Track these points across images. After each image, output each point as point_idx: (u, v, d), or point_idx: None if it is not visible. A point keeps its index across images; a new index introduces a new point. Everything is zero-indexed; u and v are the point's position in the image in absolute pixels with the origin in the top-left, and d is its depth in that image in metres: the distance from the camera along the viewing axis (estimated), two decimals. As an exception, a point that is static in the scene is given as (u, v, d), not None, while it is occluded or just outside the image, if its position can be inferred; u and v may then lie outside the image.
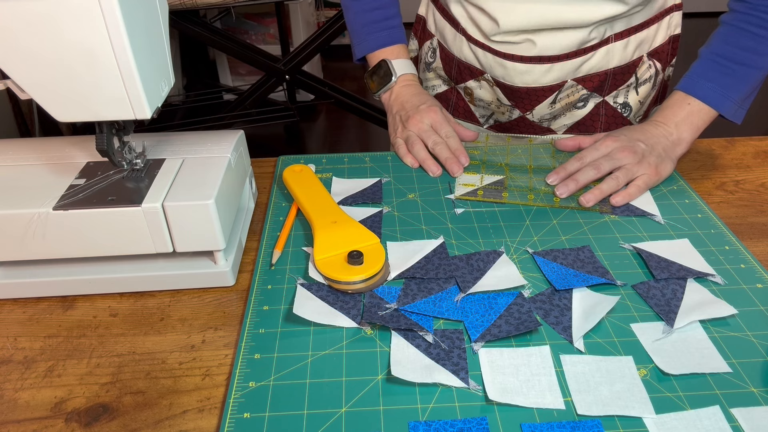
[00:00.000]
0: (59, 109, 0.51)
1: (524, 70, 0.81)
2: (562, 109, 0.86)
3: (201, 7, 1.76)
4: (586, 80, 0.82)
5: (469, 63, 0.86)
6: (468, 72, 0.87)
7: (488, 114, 0.91)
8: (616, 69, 0.82)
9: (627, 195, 0.70)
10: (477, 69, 0.86)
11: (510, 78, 0.82)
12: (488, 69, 0.84)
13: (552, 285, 0.59)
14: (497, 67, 0.82)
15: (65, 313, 0.58)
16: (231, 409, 0.47)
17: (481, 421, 0.46)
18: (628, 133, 0.74)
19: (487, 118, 0.92)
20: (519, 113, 0.87)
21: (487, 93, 0.88)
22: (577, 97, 0.84)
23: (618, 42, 0.80)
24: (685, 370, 0.50)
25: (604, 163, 0.71)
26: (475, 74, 0.87)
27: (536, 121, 0.87)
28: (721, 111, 0.74)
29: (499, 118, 0.91)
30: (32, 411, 0.48)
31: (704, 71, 0.74)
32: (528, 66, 0.80)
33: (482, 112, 0.92)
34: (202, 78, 3.03)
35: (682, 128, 0.74)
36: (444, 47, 0.90)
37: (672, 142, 0.74)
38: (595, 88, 0.83)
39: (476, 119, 0.93)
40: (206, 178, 0.58)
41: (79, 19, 0.46)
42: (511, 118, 0.88)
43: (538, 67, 0.80)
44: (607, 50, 0.80)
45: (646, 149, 0.72)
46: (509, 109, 0.88)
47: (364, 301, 0.57)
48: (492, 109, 0.90)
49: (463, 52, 0.86)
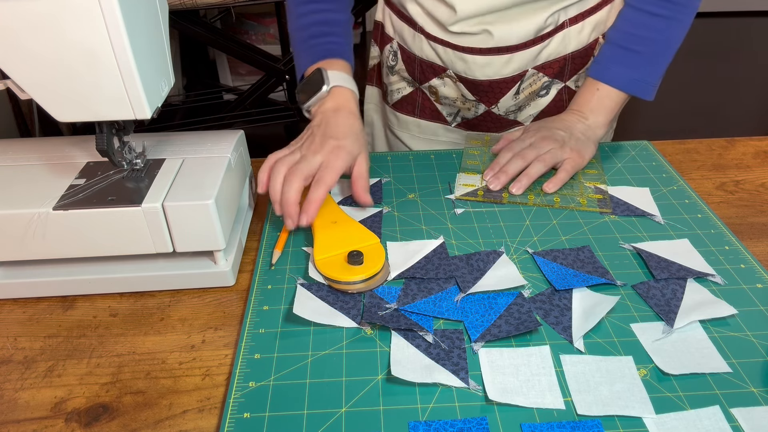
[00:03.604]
0: (59, 109, 0.51)
1: (484, 63, 0.81)
2: (526, 99, 0.86)
3: (201, 7, 1.76)
4: (546, 67, 0.83)
5: (431, 61, 0.86)
6: (431, 70, 0.87)
7: (454, 111, 0.92)
8: (575, 53, 0.83)
9: (557, 180, 0.73)
10: (439, 66, 0.86)
11: (471, 72, 0.83)
12: (449, 65, 0.84)
13: (552, 285, 0.59)
14: (458, 62, 0.83)
15: (65, 313, 0.58)
16: (231, 409, 0.47)
17: (481, 421, 0.46)
18: (546, 124, 0.78)
19: (454, 116, 0.92)
20: (485, 108, 0.88)
21: (451, 90, 0.88)
22: (539, 85, 0.85)
23: (573, 26, 0.81)
24: (685, 370, 0.50)
25: (529, 153, 0.74)
26: (437, 72, 0.87)
27: (502, 114, 0.88)
28: (629, 92, 0.78)
29: (466, 115, 0.91)
30: (32, 411, 0.48)
31: (610, 55, 0.78)
32: (487, 58, 0.81)
33: (448, 110, 0.92)
34: (202, 78, 3.03)
35: (596, 112, 0.79)
36: (404, 48, 0.90)
37: (588, 126, 0.78)
38: (555, 75, 0.85)
39: (443, 118, 0.93)
40: (206, 178, 0.58)
41: (79, 19, 0.46)
42: (478, 113, 0.89)
43: (497, 58, 0.81)
44: (563, 35, 0.81)
45: (566, 135, 0.76)
46: (474, 105, 0.88)
47: (364, 301, 0.57)
48: (458, 106, 0.90)
49: (424, 50, 0.86)
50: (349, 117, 0.71)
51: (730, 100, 2.97)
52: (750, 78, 3.20)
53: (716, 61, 3.29)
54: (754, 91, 3.08)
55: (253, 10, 2.84)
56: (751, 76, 3.23)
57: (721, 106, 2.89)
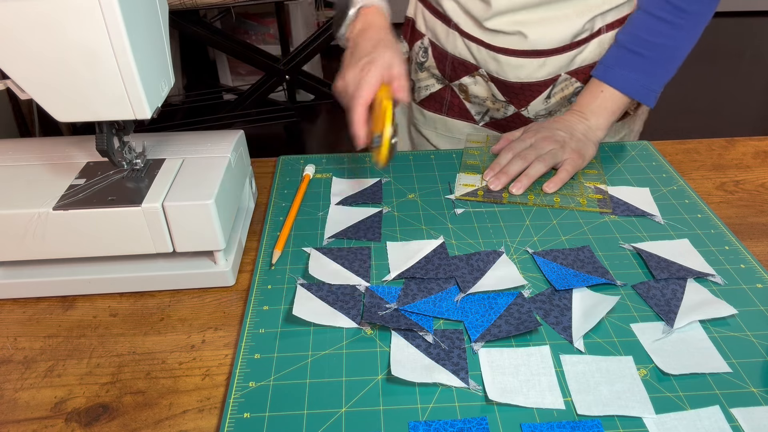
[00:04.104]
0: (59, 109, 0.51)
1: (517, 65, 0.81)
2: (557, 104, 0.86)
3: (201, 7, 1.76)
4: (579, 72, 0.83)
5: (464, 58, 0.86)
6: (462, 68, 0.87)
7: (483, 111, 0.91)
8: None
9: (557, 180, 0.73)
10: (471, 64, 0.86)
11: (504, 73, 0.83)
12: (482, 64, 0.84)
13: (552, 285, 0.59)
14: (491, 62, 0.83)
15: (65, 313, 0.58)
16: (231, 409, 0.47)
17: (481, 421, 0.46)
18: (547, 124, 0.78)
19: (483, 114, 0.92)
20: (514, 109, 0.87)
21: (482, 89, 0.88)
22: (571, 90, 0.84)
23: (609, 33, 0.80)
24: (685, 370, 0.50)
25: (529, 153, 0.74)
26: (469, 70, 0.87)
27: (531, 117, 0.87)
28: (632, 96, 0.78)
29: (494, 115, 0.91)
30: (32, 411, 0.48)
31: (617, 58, 0.78)
32: (521, 60, 0.80)
33: (477, 109, 0.92)
34: (202, 78, 3.03)
35: (597, 114, 0.78)
36: (436, 45, 0.89)
37: (589, 127, 0.78)
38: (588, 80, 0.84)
39: (471, 117, 0.93)
40: (206, 178, 0.58)
41: (79, 19, 0.46)
42: (507, 114, 0.89)
43: (531, 61, 0.80)
44: (599, 41, 0.81)
45: (566, 136, 0.76)
46: (504, 105, 0.88)
47: (364, 301, 0.57)
48: (487, 106, 0.90)
49: (457, 47, 0.86)
50: (378, 32, 0.70)
51: (730, 100, 2.97)
52: (750, 78, 3.20)
53: (716, 61, 3.29)
54: (754, 91, 3.08)
55: (253, 10, 2.84)
56: (751, 76, 3.23)
57: (721, 106, 2.89)
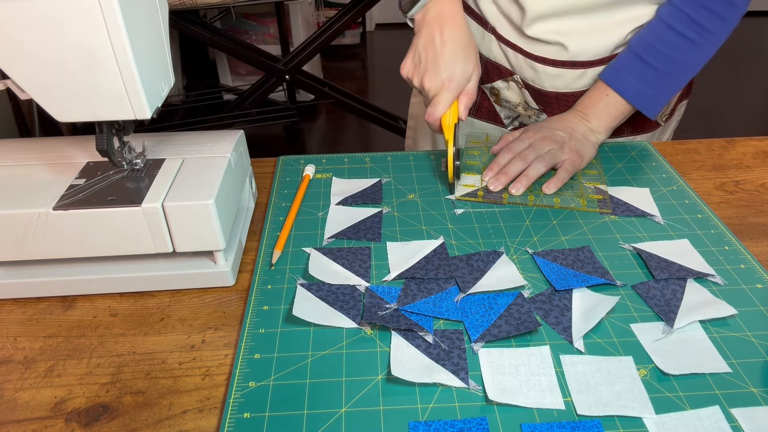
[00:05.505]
0: (59, 109, 0.51)
1: (555, 74, 0.80)
2: None
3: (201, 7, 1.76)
4: None
5: (499, 63, 0.84)
6: (496, 72, 0.86)
7: (514, 116, 0.90)
8: None
9: (557, 180, 0.73)
10: (506, 69, 0.84)
11: (540, 81, 0.81)
12: (518, 70, 0.83)
13: (552, 285, 0.59)
14: (527, 69, 0.81)
15: (65, 313, 0.58)
16: (231, 409, 0.47)
17: (481, 421, 0.46)
18: (547, 124, 0.78)
19: (513, 119, 0.91)
20: (546, 118, 0.85)
21: (514, 94, 0.86)
22: None
23: None
24: (685, 371, 0.50)
25: (528, 154, 0.74)
26: (504, 74, 0.85)
27: None
28: (636, 106, 0.76)
29: (525, 121, 0.89)
30: (32, 411, 0.48)
31: (628, 65, 0.76)
32: (560, 70, 0.79)
33: (508, 113, 0.90)
34: (202, 78, 3.03)
35: (599, 117, 0.77)
36: None
37: (589, 128, 0.78)
38: None
39: (501, 120, 0.91)
40: (206, 178, 0.58)
41: (79, 19, 0.46)
42: (538, 122, 0.86)
43: (570, 72, 0.79)
44: None
45: (565, 136, 0.75)
46: (536, 113, 0.86)
47: (364, 301, 0.57)
48: (518, 112, 0.89)
49: (493, 51, 0.84)
50: (455, 32, 0.70)
51: (730, 100, 2.97)
52: (750, 78, 3.20)
53: (716, 61, 3.29)
54: (754, 91, 3.08)
55: (253, 10, 2.84)
56: (751, 76, 3.23)
57: (721, 106, 2.89)
